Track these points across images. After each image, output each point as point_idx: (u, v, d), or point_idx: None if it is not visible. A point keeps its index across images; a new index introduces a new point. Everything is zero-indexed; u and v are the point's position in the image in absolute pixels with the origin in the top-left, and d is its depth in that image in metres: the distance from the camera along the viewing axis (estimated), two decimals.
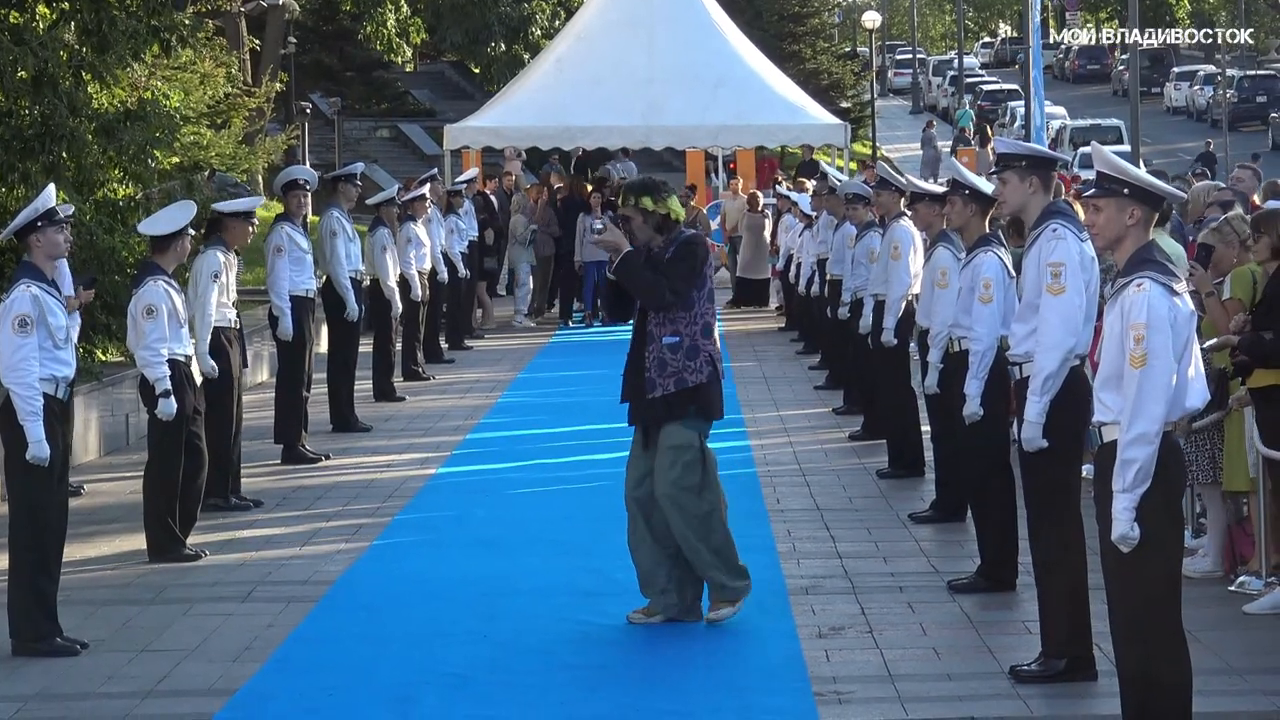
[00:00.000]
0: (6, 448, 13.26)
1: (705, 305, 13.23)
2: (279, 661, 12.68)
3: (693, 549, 13.15)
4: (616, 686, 11.94)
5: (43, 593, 13.07)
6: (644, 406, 13.23)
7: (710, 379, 13.20)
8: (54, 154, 22.31)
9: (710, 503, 13.20)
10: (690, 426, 13.21)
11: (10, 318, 12.98)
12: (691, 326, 13.14)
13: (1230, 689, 11.40)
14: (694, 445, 13.21)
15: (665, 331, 13.14)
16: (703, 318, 13.19)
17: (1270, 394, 13.18)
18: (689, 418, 13.20)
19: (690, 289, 13.12)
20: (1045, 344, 11.59)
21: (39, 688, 12.14)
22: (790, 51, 70.75)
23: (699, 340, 13.14)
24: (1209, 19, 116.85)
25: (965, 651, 12.58)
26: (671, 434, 13.17)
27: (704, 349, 13.15)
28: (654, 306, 13.11)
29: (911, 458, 19.09)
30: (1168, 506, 9.44)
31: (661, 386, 13.11)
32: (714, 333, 13.28)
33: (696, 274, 13.16)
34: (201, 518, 16.58)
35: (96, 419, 21.55)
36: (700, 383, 13.14)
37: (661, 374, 13.11)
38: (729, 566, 13.26)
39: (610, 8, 41.74)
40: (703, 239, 13.54)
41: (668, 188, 13.64)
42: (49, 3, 23.70)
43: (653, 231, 13.25)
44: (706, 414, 13.30)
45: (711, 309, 13.34)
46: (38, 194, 13.87)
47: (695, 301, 13.16)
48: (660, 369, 13.12)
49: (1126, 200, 9.62)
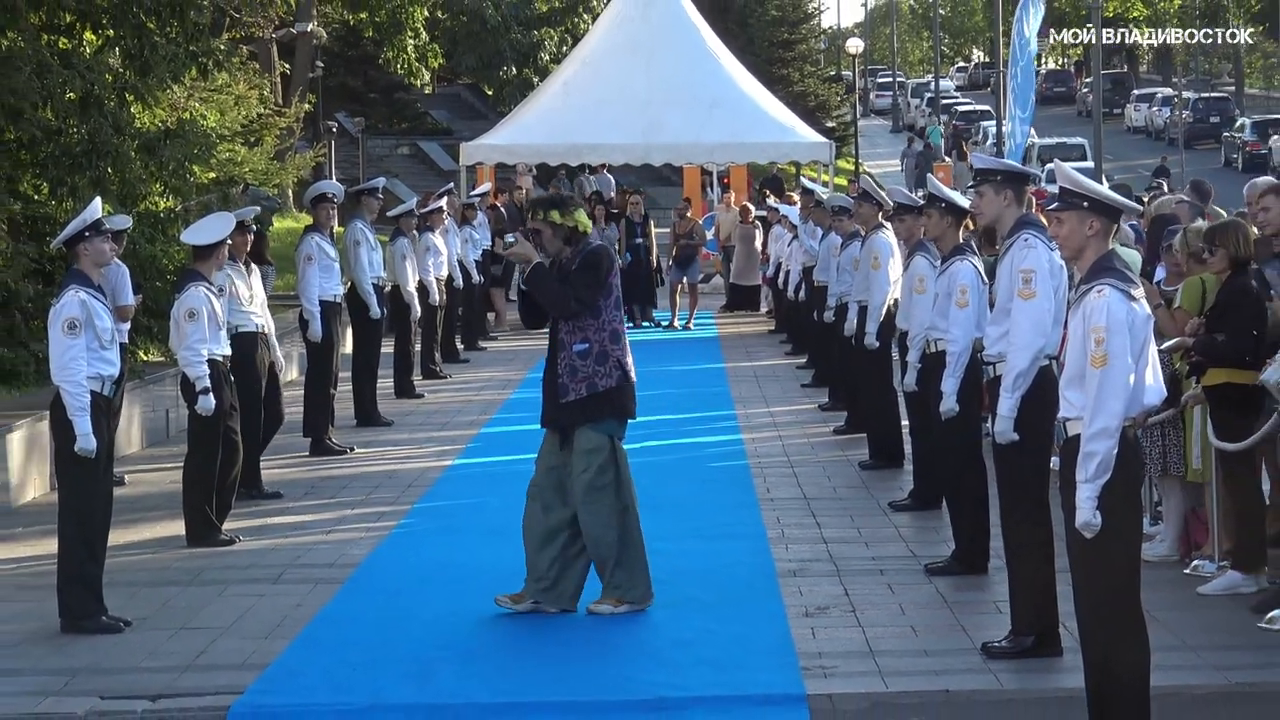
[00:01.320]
0: (56, 441, 13.28)
1: (613, 313, 13.06)
2: (307, 639, 12.69)
3: (605, 546, 13.02)
4: (617, 662, 11.94)
5: (89, 575, 13.08)
6: (558, 410, 13.09)
7: (620, 382, 13.02)
8: (100, 169, 22.31)
9: (625, 500, 13.06)
10: (602, 430, 13.06)
11: (60, 321, 12.99)
12: (600, 333, 13.00)
13: (1186, 664, 11.40)
14: (605, 447, 13.06)
15: (575, 339, 12.98)
16: (611, 325, 13.02)
17: (1222, 391, 13.20)
18: (602, 420, 13.06)
19: (596, 297, 12.96)
20: (1017, 345, 11.60)
21: (86, 662, 12.14)
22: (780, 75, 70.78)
23: (608, 346, 13.00)
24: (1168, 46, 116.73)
25: (941, 629, 12.58)
26: (584, 438, 13.04)
27: (613, 354, 13.00)
28: (560, 315, 13.02)
29: (891, 450, 19.09)
30: (1127, 496, 9.47)
31: (574, 391, 12.97)
32: (623, 339, 13.09)
33: (601, 283, 12.99)
34: (235, 505, 16.59)
35: (139, 414, 21.55)
36: (610, 387, 13.00)
37: (573, 379, 12.97)
38: (632, 568, 13.09)
39: (613, 35, 41.76)
40: (608, 250, 13.31)
41: (575, 202, 13.52)
42: (95, 29, 23.71)
43: (561, 243, 13.10)
44: (619, 416, 13.15)
45: (620, 316, 13.14)
46: (85, 206, 13.88)
47: (603, 309, 13.00)
48: (572, 375, 12.98)
49: (1086, 213, 9.64)
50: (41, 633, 12.95)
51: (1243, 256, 13.17)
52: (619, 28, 41.87)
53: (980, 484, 13.83)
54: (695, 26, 42.16)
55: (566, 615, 13.12)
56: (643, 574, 13.13)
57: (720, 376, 27.96)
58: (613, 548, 13.04)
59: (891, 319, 18.11)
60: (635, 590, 13.09)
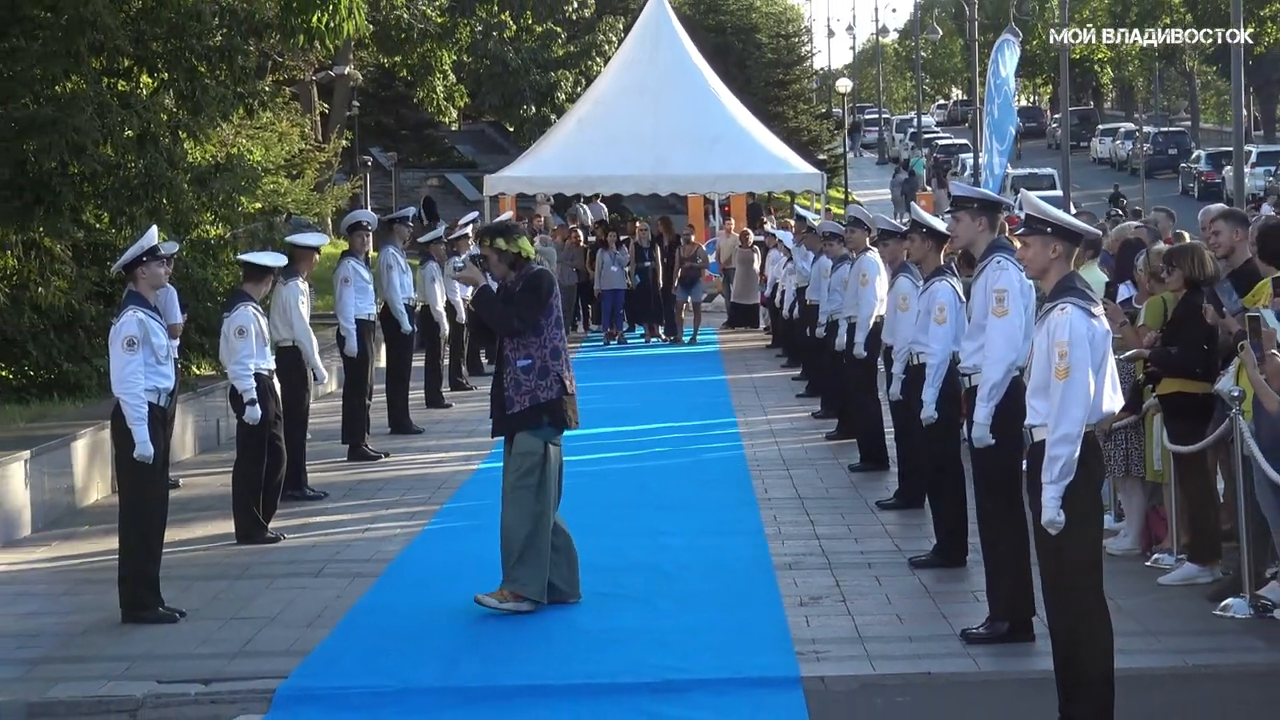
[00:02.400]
0: (117, 448, 13.30)
1: (554, 331, 13.02)
2: (345, 628, 12.70)
3: (515, 541, 12.92)
4: (630, 647, 11.94)
5: (147, 570, 13.12)
6: (504, 421, 13.07)
7: (559, 395, 12.97)
8: (155, 200, 22.33)
9: (543, 505, 12.96)
10: (539, 435, 12.99)
11: (120, 338, 13.03)
12: (542, 350, 12.97)
13: (1147, 649, 11.41)
14: (537, 452, 12.99)
15: (519, 355, 12.96)
16: (551, 342, 12.99)
17: (1175, 400, 13.22)
18: (540, 427, 13.01)
19: (536, 317, 12.93)
20: (991, 358, 11.62)
21: (144, 650, 12.16)
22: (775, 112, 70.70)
23: (549, 362, 12.96)
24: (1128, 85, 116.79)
25: (923, 617, 12.59)
26: (521, 441, 13.02)
27: (553, 369, 12.96)
28: (503, 333, 13.03)
29: (878, 454, 19.10)
30: (1089, 495, 9.48)
31: (519, 403, 12.93)
32: (563, 355, 13.04)
33: (541, 304, 12.96)
34: (280, 506, 16.61)
35: (192, 423, 21.58)
36: (551, 399, 12.96)
37: (518, 392, 12.94)
38: (533, 567, 12.96)
39: (623, 76, 41.80)
40: (549, 274, 13.25)
41: (520, 230, 13.56)
42: (151, 73, 23.75)
43: (507, 268, 13.09)
44: (557, 425, 13.07)
45: (560, 334, 13.10)
46: (142, 234, 13.91)
47: (545, 328, 12.97)
48: (516, 388, 12.95)
49: (1050, 237, 9.66)
50: (103, 623, 12.97)
51: (1197, 277, 13.19)
52: (629, 70, 41.91)
53: (959, 484, 13.84)
54: (698, 68, 42.17)
55: (580, 607, 13.12)
56: (540, 575, 12.98)
57: (722, 387, 27.96)
58: (520, 545, 12.94)
59: (878, 333, 18.13)
60: (530, 588, 12.95)
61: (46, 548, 15.96)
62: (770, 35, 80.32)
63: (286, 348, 17.65)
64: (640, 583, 13.87)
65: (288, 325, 17.77)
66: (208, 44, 23.81)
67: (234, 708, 10.91)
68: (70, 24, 21.88)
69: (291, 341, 17.76)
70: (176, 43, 23.48)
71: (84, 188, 21.95)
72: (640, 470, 19.89)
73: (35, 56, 21.78)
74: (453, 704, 10.85)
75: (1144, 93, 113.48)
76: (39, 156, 20.91)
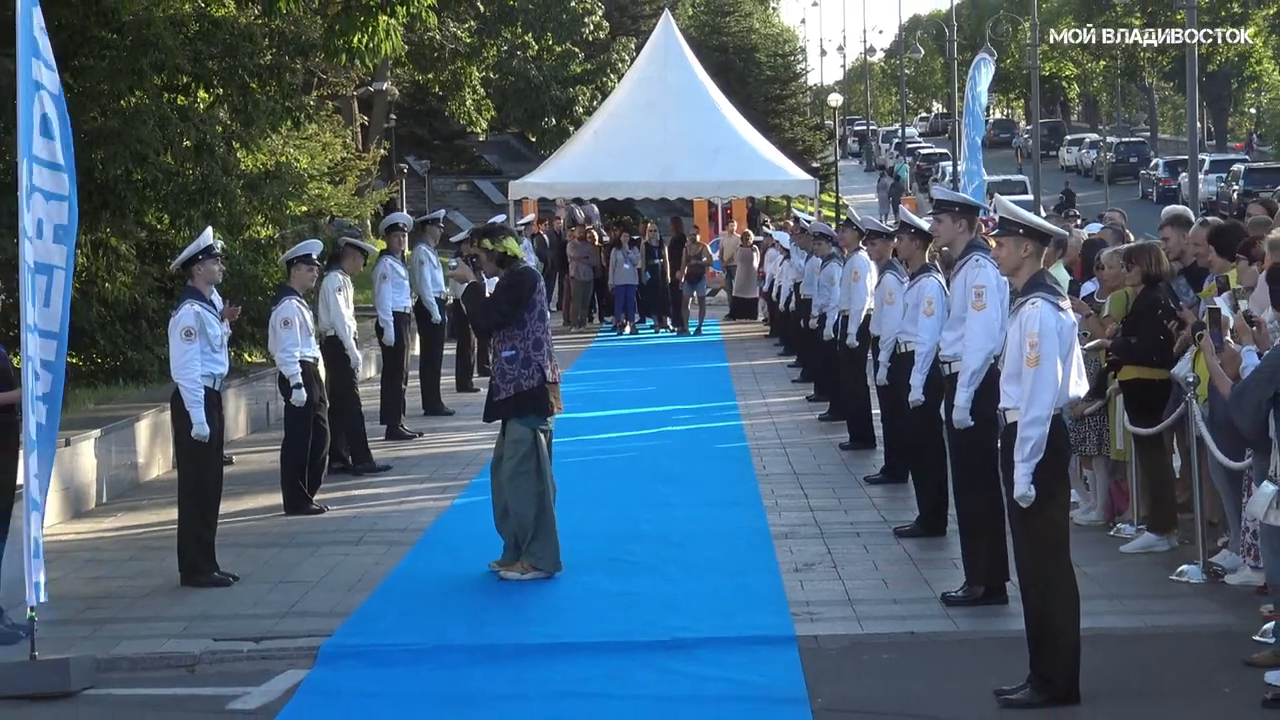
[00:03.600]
0: (176, 429, 13.32)
1: (536, 324, 12.95)
2: (383, 591, 12.71)
3: (522, 519, 12.93)
4: (642, 609, 11.93)
5: (204, 538, 13.13)
6: (493, 407, 13.08)
7: (541, 384, 12.91)
8: (211, 204, 22.33)
9: (543, 484, 12.93)
10: (526, 423, 12.96)
11: (179, 329, 13.04)
12: (525, 342, 12.92)
13: (1110, 610, 11.40)
14: (528, 439, 12.96)
15: (504, 346, 12.94)
16: (534, 335, 12.93)
17: (1135, 385, 13.21)
18: (525, 415, 12.97)
19: (514, 312, 12.89)
20: (971, 347, 11.61)
21: (200, 610, 12.17)
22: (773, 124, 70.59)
23: (531, 353, 12.91)
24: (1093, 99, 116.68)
25: (907, 582, 12.58)
26: (512, 429, 13.00)
27: (535, 360, 12.91)
28: (484, 326, 13.07)
29: (866, 434, 19.07)
30: (1057, 471, 9.47)
31: (504, 391, 12.92)
32: (545, 347, 12.96)
33: (520, 300, 12.90)
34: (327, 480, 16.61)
35: (244, 406, 21.59)
36: (533, 387, 12.91)
37: (504, 381, 12.92)
38: (545, 541, 12.94)
39: (635, 92, 41.83)
40: (531, 272, 13.17)
41: (506, 231, 13.51)
42: (207, 88, 23.75)
43: (495, 266, 13.06)
44: (540, 411, 13.01)
45: (543, 327, 13.02)
46: (199, 235, 13.92)
47: (527, 322, 12.92)
48: (502, 377, 12.93)
49: (1021, 238, 9.64)
50: (164, 586, 12.99)
51: (1154, 274, 13.18)
52: (640, 87, 41.95)
53: (940, 462, 13.81)
54: (703, 85, 42.19)
55: (596, 572, 13.11)
56: (552, 547, 12.96)
57: (724, 373, 27.93)
58: (531, 523, 12.93)
59: (867, 324, 18.09)
60: (545, 560, 12.93)
61: (113, 518, 15.98)
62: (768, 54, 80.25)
63: (332, 337, 17.67)
64: (650, 551, 13.87)
65: (325, 311, 17.77)
66: (259, 62, 23.84)
67: (282, 663, 10.92)
68: (134, 44, 21.93)
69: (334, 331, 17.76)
70: (230, 61, 23.50)
71: (146, 193, 21.95)
72: (650, 448, 19.88)
73: (103, 74, 21.83)
74: (481, 660, 10.85)
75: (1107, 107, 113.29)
76: (106, 164, 20.96)
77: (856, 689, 10.03)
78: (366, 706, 10.04)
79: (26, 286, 10.74)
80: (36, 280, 10.84)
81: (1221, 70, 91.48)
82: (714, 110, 41.57)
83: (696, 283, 36.33)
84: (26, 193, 10.79)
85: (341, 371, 17.70)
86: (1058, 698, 9.43)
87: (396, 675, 10.60)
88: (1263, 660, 9.95)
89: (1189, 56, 43.29)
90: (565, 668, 10.63)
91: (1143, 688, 9.83)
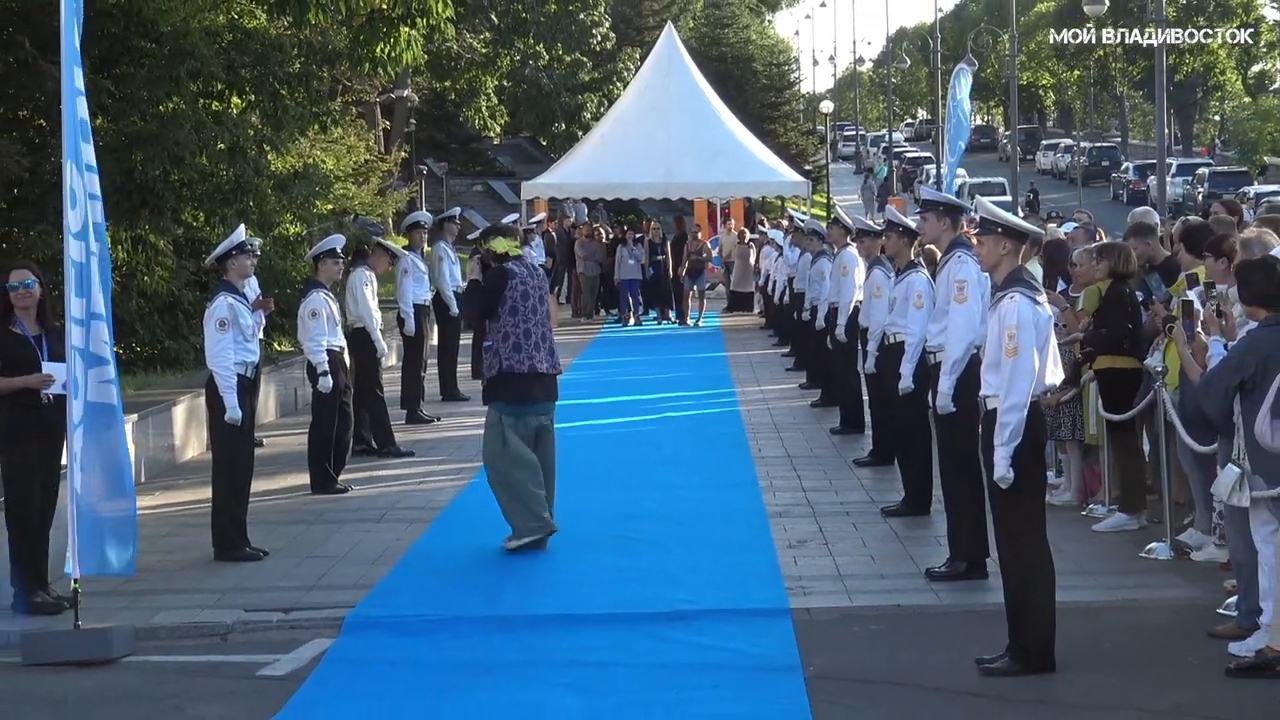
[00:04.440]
0: (210, 413, 13.32)
1: (506, 319, 12.99)
2: (404, 565, 12.71)
3: (503, 499, 13.05)
4: (645, 583, 11.92)
5: (236, 516, 13.13)
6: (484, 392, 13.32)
7: (503, 373, 13.00)
8: (244, 203, 22.35)
9: (507, 464, 12.95)
10: (494, 408, 13.11)
11: (213, 320, 13.05)
12: (496, 335, 13.04)
13: (1083, 584, 11.39)
14: (496, 423, 13.06)
15: (485, 339, 13.21)
16: (503, 329, 12.99)
17: (1108, 374, 13.21)
18: (494, 400, 13.10)
19: (473, 310, 13.27)
20: (953, 338, 11.59)
21: (233, 583, 12.18)
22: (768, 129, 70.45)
23: (499, 346, 13.00)
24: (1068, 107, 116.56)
25: (893, 558, 12.57)
26: (487, 414, 13.22)
27: (502, 352, 13.00)
28: (466, 319, 13.30)
29: (855, 419, 19.05)
30: (1034, 454, 9.47)
31: (486, 376, 13.17)
32: (511, 340, 12.98)
33: (483, 300, 13.09)
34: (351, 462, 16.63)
35: (274, 391, 21.58)
36: (493, 376, 13.06)
37: (486, 368, 13.14)
38: (524, 513, 12.95)
39: (640, 99, 41.78)
40: (500, 271, 13.16)
41: (496, 231, 13.70)
42: (240, 95, 23.76)
43: (492, 263, 13.22)
44: (505, 398, 13.06)
45: (515, 321, 13.01)
46: (232, 231, 13.91)
47: (501, 316, 13.00)
48: (485, 365, 13.18)
49: (1000, 236, 9.62)
50: (199, 560, 12.99)
51: (1121, 270, 13.20)
52: (644, 94, 41.90)
53: (925, 446, 13.80)
54: (703, 92, 42.12)
55: (603, 549, 13.11)
56: (528, 516, 12.95)
57: (722, 362, 27.93)
58: (505, 504, 13.05)
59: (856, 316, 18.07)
60: (524, 527, 12.96)
61: (151, 497, 15.97)
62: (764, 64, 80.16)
63: (359, 329, 17.67)
64: (653, 528, 13.86)
65: (354, 304, 17.79)
66: (288, 71, 23.86)
67: (309, 632, 10.92)
68: (172, 53, 21.93)
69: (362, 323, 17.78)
70: (262, 69, 23.53)
71: (183, 192, 21.97)
72: (653, 433, 19.88)
73: (142, 81, 21.83)
74: (495, 630, 10.84)
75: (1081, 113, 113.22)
76: (145, 165, 20.97)
77: (846, 658, 10.02)
78: (388, 673, 10.03)
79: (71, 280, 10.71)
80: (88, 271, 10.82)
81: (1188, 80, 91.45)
82: (713, 116, 41.52)
83: (696, 277, 36.32)
84: (71, 194, 10.76)
85: (367, 360, 17.70)
86: (1034, 666, 9.42)
87: (416, 644, 10.60)
88: (1226, 632, 9.95)
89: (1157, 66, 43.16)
90: (573, 637, 10.62)
91: (1114, 657, 9.82)
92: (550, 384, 13.23)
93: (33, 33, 21.40)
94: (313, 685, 9.81)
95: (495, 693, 9.53)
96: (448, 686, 9.72)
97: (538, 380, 13.08)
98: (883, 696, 9.24)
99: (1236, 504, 9.54)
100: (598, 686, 9.58)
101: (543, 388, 13.15)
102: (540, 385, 13.11)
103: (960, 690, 9.26)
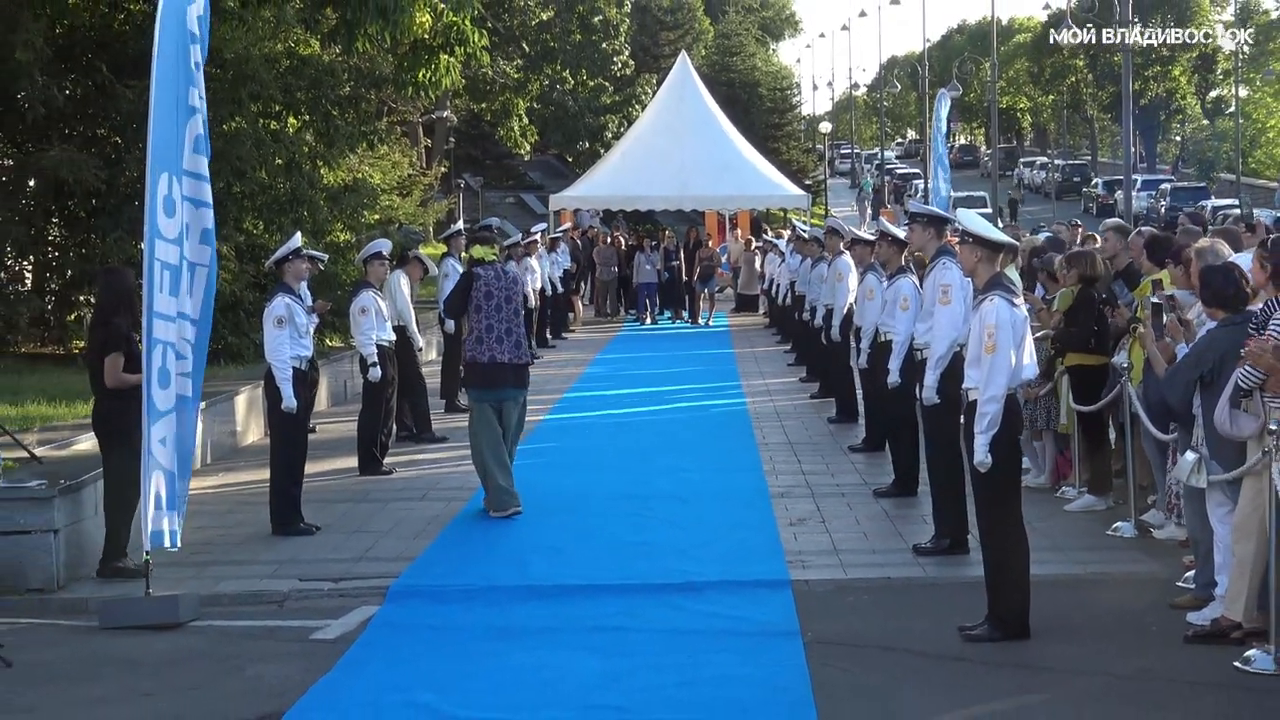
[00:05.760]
0: (269, 401, 13.34)
1: (473, 316, 13.32)
2: (443, 539, 12.71)
3: (480, 475, 13.42)
4: (658, 557, 11.92)
5: (292, 495, 13.14)
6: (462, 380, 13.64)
7: (471, 363, 13.33)
8: (299, 213, 22.38)
9: (480, 444, 13.27)
10: (470, 395, 13.55)
11: (271, 318, 13.06)
12: (471, 332, 13.35)
13: (1056, 559, 11.37)
14: (473, 408, 13.47)
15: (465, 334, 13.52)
16: (475, 328, 13.31)
17: (1078, 370, 13.20)
18: (470, 389, 13.50)
19: (457, 304, 13.48)
20: (938, 336, 11.58)
21: (288, 556, 12.19)
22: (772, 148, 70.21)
23: (468, 339, 13.34)
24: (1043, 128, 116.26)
25: (884, 535, 12.55)
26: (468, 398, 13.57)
27: (470, 345, 13.34)
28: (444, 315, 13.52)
29: (850, 409, 19.04)
30: (1010, 442, 9.45)
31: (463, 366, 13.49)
32: (476, 333, 13.26)
33: (458, 297, 13.39)
34: (395, 447, 16.63)
35: (326, 383, 21.57)
36: (475, 364, 13.32)
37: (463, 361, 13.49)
38: (495, 489, 13.27)
39: (656, 120, 41.86)
40: (467, 274, 13.51)
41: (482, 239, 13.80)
42: (296, 115, 23.79)
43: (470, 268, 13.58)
44: (477, 385, 13.38)
45: (478, 318, 13.29)
46: (289, 238, 13.92)
47: (472, 314, 13.29)
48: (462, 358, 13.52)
49: (973, 245, 9.63)
50: (257, 535, 13.00)
51: (1089, 275, 13.19)
52: (660, 115, 41.97)
53: (913, 433, 13.79)
54: (713, 114, 42.16)
55: (620, 525, 13.10)
56: (499, 490, 13.25)
57: (730, 358, 27.91)
58: (481, 476, 13.37)
59: (850, 317, 18.05)
60: (496, 503, 13.26)
61: (215, 477, 16.00)
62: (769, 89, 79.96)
63: (400, 327, 17.64)
64: (666, 507, 13.85)
65: (394, 303, 17.72)
66: (339, 94, 23.89)
67: (357, 600, 10.92)
68: (235, 78, 21.96)
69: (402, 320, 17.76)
70: (315, 92, 23.55)
71: (244, 203, 22.01)
72: (666, 421, 19.86)
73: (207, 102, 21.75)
74: (525, 598, 10.84)
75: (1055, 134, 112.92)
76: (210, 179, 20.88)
77: (841, 625, 10.01)
78: (428, 637, 10.04)
79: (155, 279, 10.68)
80: (180, 274, 10.81)
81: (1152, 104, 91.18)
82: (723, 135, 41.54)
83: (707, 281, 36.33)
84: (164, 201, 10.78)
85: (407, 355, 17.68)
86: (1011, 633, 9.41)
87: (453, 611, 10.59)
88: (1184, 603, 9.94)
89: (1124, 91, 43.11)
90: (594, 605, 10.61)
91: (1083, 625, 9.81)
92: (516, 372, 13.41)
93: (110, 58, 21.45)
94: (360, 648, 9.81)
95: (524, 654, 9.53)
96: (481, 649, 9.72)
97: (500, 369, 13.25)
98: (874, 660, 9.23)
99: (1195, 485, 9.53)
100: (616, 649, 9.58)
101: (507, 375, 13.35)
102: (504, 373, 13.33)
103: (944, 654, 9.25)
